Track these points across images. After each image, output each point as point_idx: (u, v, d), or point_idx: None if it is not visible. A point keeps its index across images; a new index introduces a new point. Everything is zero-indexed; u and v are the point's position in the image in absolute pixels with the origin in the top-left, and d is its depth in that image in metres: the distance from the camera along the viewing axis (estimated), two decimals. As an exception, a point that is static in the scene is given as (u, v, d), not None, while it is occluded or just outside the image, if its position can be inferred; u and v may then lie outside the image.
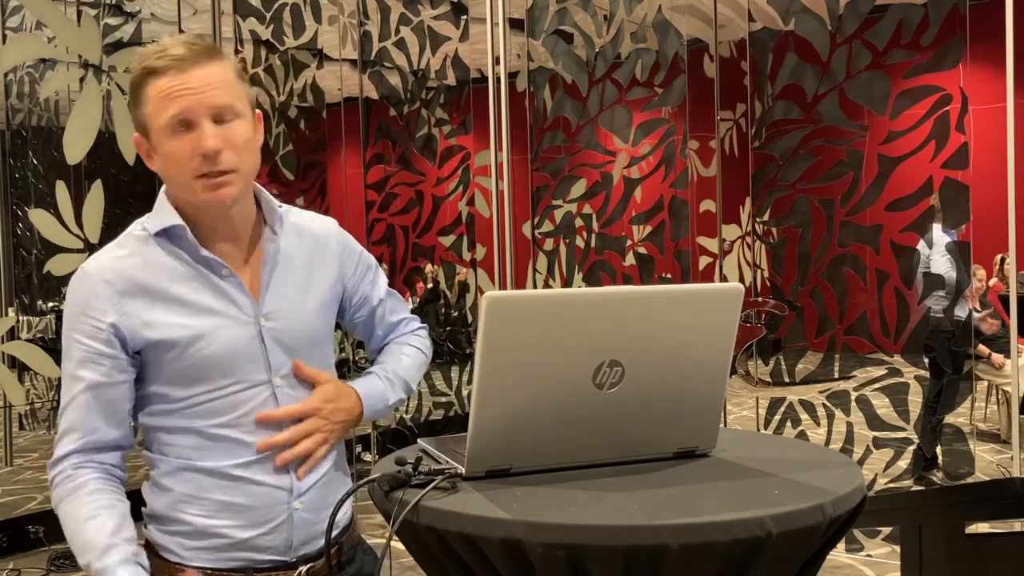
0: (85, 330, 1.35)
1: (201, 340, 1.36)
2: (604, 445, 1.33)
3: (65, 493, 1.36)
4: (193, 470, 1.39)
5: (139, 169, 4.62)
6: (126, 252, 1.39)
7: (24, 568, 4.29)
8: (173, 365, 1.37)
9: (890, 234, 4.08)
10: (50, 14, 4.32)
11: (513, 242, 5.20)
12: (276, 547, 1.42)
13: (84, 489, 1.35)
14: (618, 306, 1.27)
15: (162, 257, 1.39)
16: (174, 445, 1.40)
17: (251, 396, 1.40)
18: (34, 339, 6.40)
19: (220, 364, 1.37)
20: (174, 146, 1.34)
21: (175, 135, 1.33)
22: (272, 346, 1.41)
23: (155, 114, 1.34)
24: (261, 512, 1.40)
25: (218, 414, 1.38)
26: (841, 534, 1.22)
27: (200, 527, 1.39)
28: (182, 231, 1.38)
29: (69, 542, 1.35)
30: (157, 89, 1.33)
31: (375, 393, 1.55)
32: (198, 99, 1.32)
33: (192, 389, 1.37)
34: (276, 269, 1.45)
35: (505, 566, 1.10)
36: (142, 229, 1.41)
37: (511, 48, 5.10)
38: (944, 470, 4.13)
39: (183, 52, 1.32)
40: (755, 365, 4.70)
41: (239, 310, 1.40)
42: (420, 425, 5.70)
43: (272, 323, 1.42)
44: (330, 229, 1.56)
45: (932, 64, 3.84)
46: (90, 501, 1.34)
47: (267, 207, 1.46)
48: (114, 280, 1.36)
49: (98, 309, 1.35)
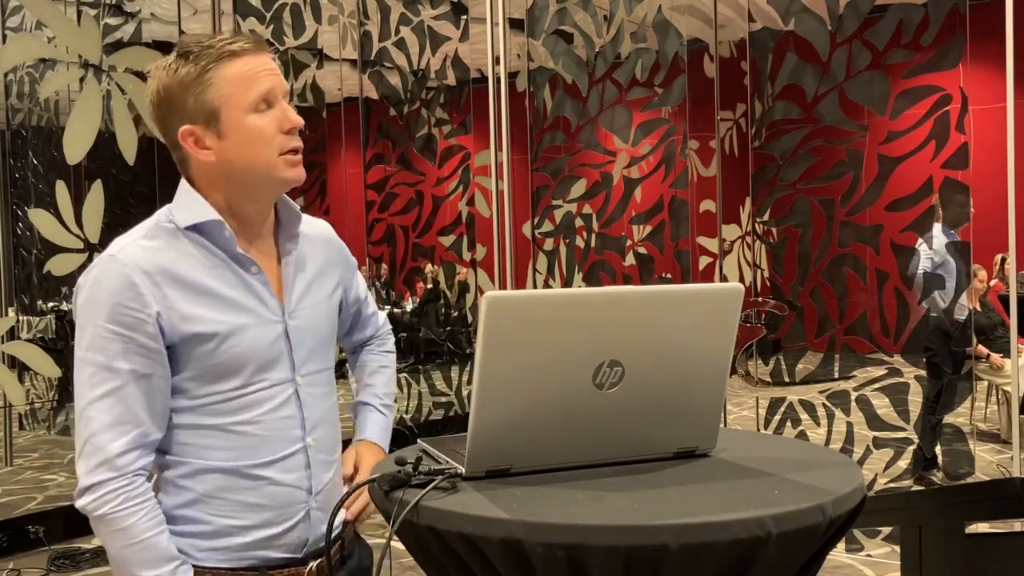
0: (124, 321, 1.31)
1: (234, 336, 1.36)
2: (604, 445, 1.33)
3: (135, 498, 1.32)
4: (213, 471, 1.38)
5: (139, 169, 4.62)
6: (159, 244, 1.36)
7: (24, 568, 4.29)
8: (203, 361, 1.36)
9: (890, 234, 4.09)
10: (50, 14, 4.32)
11: (513, 242, 5.20)
12: (291, 545, 1.43)
13: (151, 500, 1.34)
14: (618, 306, 1.27)
15: (193, 251, 1.38)
16: (193, 444, 1.38)
17: (275, 394, 1.41)
18: (34, 339, 6.40)
19: (249, 361, 1.38)
20: (259, 124, 1.36)
21: (258, 113, 1.36)
22: (297, 345, 1.43)
23: (236, 94, 1.35)
24: (280, 512, 1.41)
25: (241, 411, 1.38)
26: (841, 534, 1.22)
27: (219, 527, 1.39)
28: (218, 226, 1.37)
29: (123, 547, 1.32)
30: (238, 70, 1.35)
31: (387, 432, 1.68)
32: (279, 80, 1.39)
33: (218, 385, 1.37)
34: (297, 269, 1.47)
35: (505, 566, 1.10)
36: (169, 221, 1.39)
37: (511, 48, 5.10)
38: (944, 470, 4.13)
39: (247, 41, 1.38)
40: (755, 365, 4.70)
41: (267, 308, 1.41)
42: (420, 425, 5.70)
43: (296, 322, 1.44)
44: (329, 233, 1.60)
45: (932, 64, 3.84)
46: (157, 513, 1.34)
47: (287, 207, 1.48)
48: (152, 271, 1.33)
49: (139, 299, 1.31)
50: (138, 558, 1.32)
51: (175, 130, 1.37)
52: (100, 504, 1.31)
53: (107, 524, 1.32)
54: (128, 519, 1.31)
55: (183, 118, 1.36)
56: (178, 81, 1.35)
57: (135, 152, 4.35)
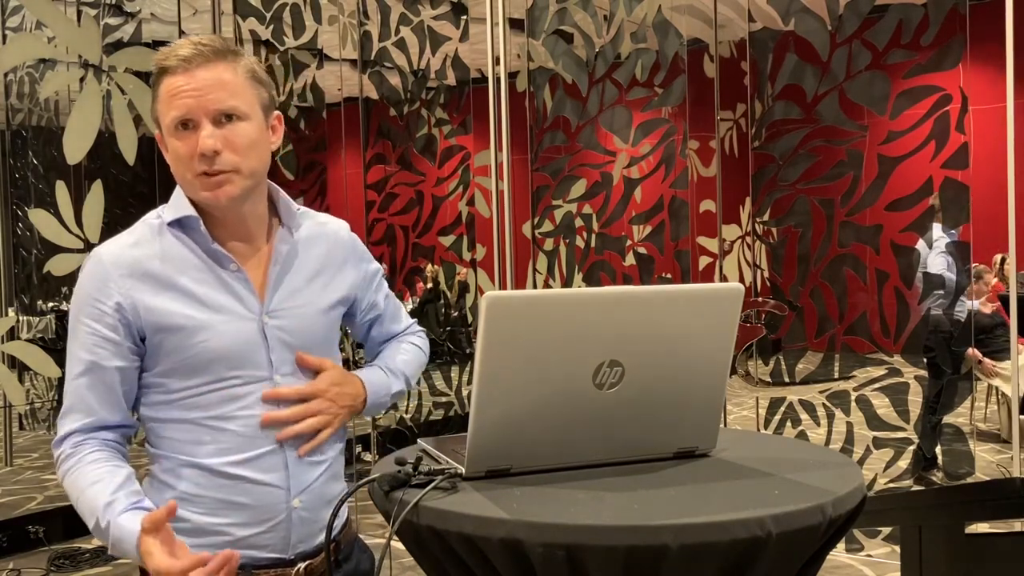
0: (91, 313, 1.38)
1: (204, 331, 1.38)
2: (604, 445, 1.33)
3: (68, 468, 1.38)
4: (191, 467, 1.40)
5: (139, 169, 4.62)
6: (137, 239, 1.42)
7: (24, 568, 4.29)
8: (175, 355, 1.38)
9: (890, 234, 4.08)
10: (50, 14, 4.32)
11: (513, 242, 5.20)
12: (275, 545, 1.43)
13: (85, 460, 1.37)
14: (618, 306, 1.27)
15: (174, 246, 1.41)
16: (171, 439, 1.41)
17: (250, 391, 1.41)
18: (34, 339, 6.40)
19: (221, 357, 1.39)
20: (176, 145, 1.38)
21: (178, 135, 1.38)
22: (275, 344, 1.43)
23: (163, 113, 1.39)
24: (261, 511, 1.41)
25: (215, 406, 1.40)
26: (841, 534, 1.22)
27: (200, 525, 1.40)
28: (195, 222, 1.41)
29: (80, 515, 1.36)
30: (165, 88, 1.38)
31: (378, 382, 1.58)
32: (198, 102, 1.36)
33: (191, 380, 1.39)
34: (285, 269, 1.47)
35: (505, 566, 1.10)
36: (157, 217, 1.44)
37: (511, 48, 5.10)
38: (944, 470, 4.13)
39: (190, 52, 1.36)
40: (755, 365, 4.70)
41: (243, 306, 1.42)
42: (420, 425, 5.70)
43: (276, 321, 1.44)
44: (344, 234, 1.58)
45: (932, 64, 3.84)
46: (92, 469, 1.36)
47: (285, 208, 1.49)
48: (122, 265, 1.38)
49: (104, 293, 1.37)
50: (84, 516, 1.35)
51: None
52: (60, 476, 1.40)
53: (68, 496, 1.38)
54: (69, 486, 1.37)
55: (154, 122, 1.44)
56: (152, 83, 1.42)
57: (135, 152, 4.35)
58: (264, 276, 1.45)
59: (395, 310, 1.69)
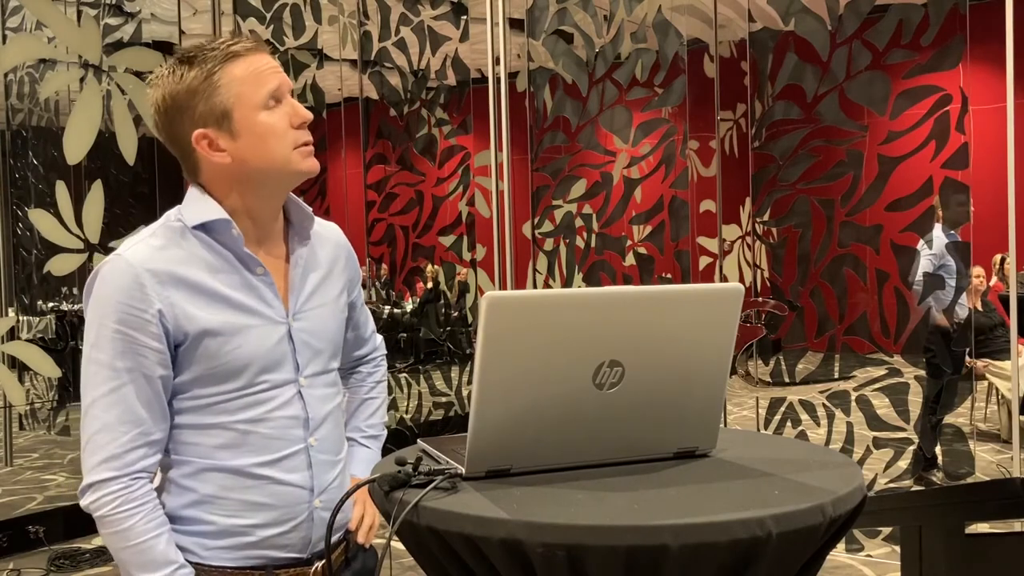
0: (128, 320, 1.32)
1: (237, 337, 1.38)
2: (604, 445, 1.33)
3: (134, 500, 1.34)
4: (216, 470, 1.39)
5: (139, 169, 4.62)
6: (164, 243, 1.38)
7: (24, 568, 4.29)
8: (207, 361, 1.37)
9: (890, 234, 4.08)
10: (50, 14, 4.32)
11: (513, 242, 5.20)
12: (295, 545, 1.44)
13: (151, 502, 1.35)
14: (618, 306, 1.27)
15: (199, 250, 1.39)
16: (198, 444, 1.39)
17: (277, 394, 1.42)
18: (34, 339, 6.39)
19: (252, 362, 1.39)
20: (272, 120, 1.38)
21: (269, 110, 1.37)
22: (300, 346, 1.44)
23: (246, 93, 1.36)
24: (284, 511, 1.42)
25: (243, 410, 1.39)
26: (841, 534, 1.22)
27: (224, 527, 1.40)
28: (226, 225, 1.39)
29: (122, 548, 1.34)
30: (244, 69, 1.36)
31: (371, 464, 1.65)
32: (285, 77, 1.40)
33: (223, 385, 1.38)
34: (304, 271, 1.48)
35: (505, 566, 1.10)
36: (177, 220, 1.40)
37: (511, 48, 5.10)
38: (944, 470, 4.13)
39: (248, 42, 1.39)
40: (755, 365, 4.70)
41: (271, 310, 1.42)
42: (420, 425, 5.70)
43: (300, 323, 1.45)
44: (340, 237, 1.60)
45: (932, 64, 3.84)
46: (157, 515, 1.35)
47: (297, 209, 1.49)
48: (158, 270, 1.34)
49: (143, 299, 1.33)
50: (135, 560, 1.33)
51: (186, 136, 1.37)
52: (100, 504, 1.33)
53: (107, 525, 1.34)
54: (126, 521, 1.33)
55: (193, 123, 1.36)
56: (185, 87, 1.35)
57: (135, 152, 4.35)
58: (285, 279, 1.45)
59: (367, 314, 1.73)
